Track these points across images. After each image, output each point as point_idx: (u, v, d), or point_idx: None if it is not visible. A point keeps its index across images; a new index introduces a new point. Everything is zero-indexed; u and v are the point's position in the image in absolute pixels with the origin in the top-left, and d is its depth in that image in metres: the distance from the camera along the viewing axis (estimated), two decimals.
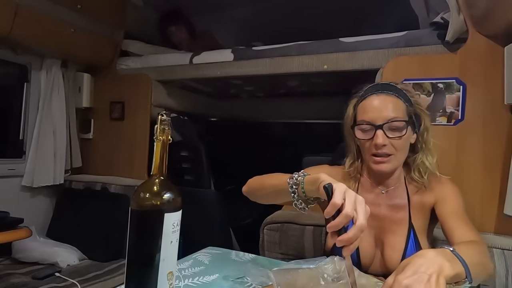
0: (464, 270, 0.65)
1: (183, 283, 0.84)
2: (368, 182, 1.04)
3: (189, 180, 2.43)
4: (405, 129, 0.93)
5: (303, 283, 0.78)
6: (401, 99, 0.97)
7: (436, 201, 0.98)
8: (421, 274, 0.58)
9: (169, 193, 0.60)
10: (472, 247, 0.77)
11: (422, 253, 0.64)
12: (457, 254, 0.66)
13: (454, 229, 0.89)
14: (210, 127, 2.88)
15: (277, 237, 1.56)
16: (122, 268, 1.79)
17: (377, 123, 0.93)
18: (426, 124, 0.99)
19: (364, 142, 0.96)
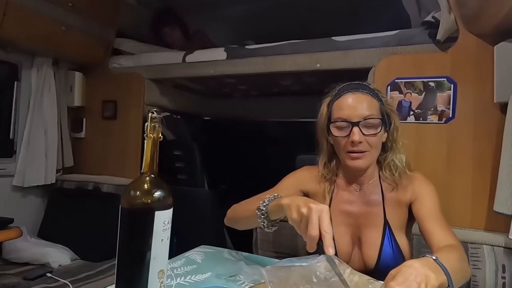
0: (447, 279, 0.67)
1: (175, 281, 0.84)
2: (344, 182, 1.06)
3: (182, 179, 2.42)
4: (380, 127, 0.96)
5: (295, 281, 0.79)
6: (375, 98, 0.99)
7: (412, 200, 1.00)
8: (411, 282, 0.60)
9: (160, 191, 0.60)
10: (452, 254, 0.79)
11: (409, 263, 0.66)
12: (440, 263, 0.69)
13: (432, 233, 0.91)
14: (203, 126, 2.87)
15: (270, 236, 1.56)
16: (114, 268, 1.77)
17: (353, 120, 0.94)
18: (396, 124, 1.02)
19: (340, 139, 0.97)
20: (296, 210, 0.74)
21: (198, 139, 2.53)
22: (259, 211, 0.86)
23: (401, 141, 1.03)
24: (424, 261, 0.68)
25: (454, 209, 1.38)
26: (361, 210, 1.02)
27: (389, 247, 0.98)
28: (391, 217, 1.00)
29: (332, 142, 1.02)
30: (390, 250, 0.98)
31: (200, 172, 2.36)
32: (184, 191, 2.34)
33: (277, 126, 2.79)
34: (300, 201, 0.75)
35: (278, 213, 0.83)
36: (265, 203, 0.86)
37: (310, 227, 0.70)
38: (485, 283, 1.21)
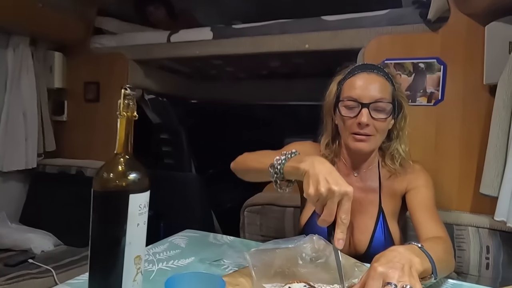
0: (431, 266, 0.67)
1: (156, 267, 0.82)
2: (343, 165, 1.04)
3: (169, 163, 2.38)
4: (390, 112, 0.93)
5: (280, 264, 0.77)
6: (389, 82, 0.96)
7: (407, 190, 0.99)
8: (395, 263, 0.59)
9: (135, 173, 0.56)
10: (438, 245, 0.79)
11: (393, 248, 0.65)
12: (424, 250, 0.68)
13: (422, 223, 0.90)
14: (190, 109, 2.81)
15: (257, 219, 1.55)
16: None
17: (363, 101, 0.91)
18: (405, 112, 0.99)
19: (347, 119, 0.94)
20: (314, 186, 0.63)
21: (185, 122, 2.48)
22: (273, 168, 0.74)
23: (407, 130, 1.00)
24: (409, 247, 0.68)
25: (441, 192, 1.37)
26: (357, 195, 0.97)
27: (381, 234, 0.97)
28: (386, 205, 0.99)
29: (337, 122, 0.99)
30: (381, 237, 0.97)
31: (187, 156, 2.33)
32: (171, 175, 2.31)
33: (265, 110, 2.75)
34: (322, 175, 0.63)
35: (295, 176, 0.72)
36: (281, 161, 0.74)
37: (326, 211, 0.62)
38: (469, 264, 1.22)
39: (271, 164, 0.75)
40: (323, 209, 0.63)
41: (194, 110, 2.84)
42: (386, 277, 0.57)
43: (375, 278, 0.58)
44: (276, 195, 1.55)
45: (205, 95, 2.75)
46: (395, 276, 0.57)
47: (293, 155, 0.75)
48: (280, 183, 0.75)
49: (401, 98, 0.98)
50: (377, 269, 0.58)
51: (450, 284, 0.80)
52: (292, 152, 0.75)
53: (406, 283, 0.56)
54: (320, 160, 0.68)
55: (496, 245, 1.19)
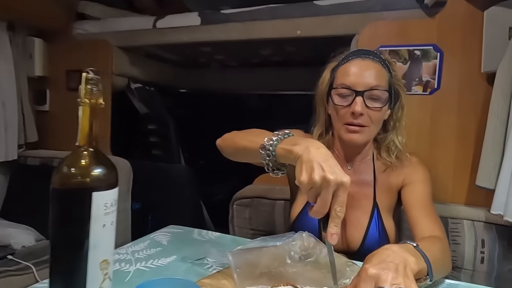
0: (427, 267, 0.63)
1: (134, 267, 0.76)
2: (336, 157, 0.98)
3: (157, 154, 2.32)
4: (386, 101, 0.87)
5: (266, 263, 0.72)
6: (385, 69, 0.90)
7: (404, 184, 0.94)
8: (388, 263, 0.54)
9: (100, 167, 0.50)
10: (434, 245, 0.75)
11: (387, 246, 0.61)
12: (420, 250, 0.64)
13: (418, 221, 0.86)
14: (179, 99, 2.74)
15: (247, 213, 1.50)
16: None
17: (358, 89, 0.85)
18: (403, 102, 0.94)
19: (340, 108, 0.89)
20: (308, 173, 0.56)
21: (174, 112, 2.41)
22: (264, 150, 0.67)
23: (404, 121, 0.95)
24: (404, 246, 0.63)
25: (435, 183, 1.31)
26: (350, 189, 0.92)
27: (375, 231, 0.93)
28: (380, 200, 0.94)
29: (330, 112, 0.93)
30: (376, 234, 0.93)
31: (175, 147, 2.26)
32: (159, 167, 2.24)
33: (258, 99, 2.68)
34: (316, 161, 0.56)
35: (287, 160, 0.64)
36: (272, 142, 0.66)
37: (320, 202, 0.56)
38: (464, 258, 1.19)
39: (262, 145, 0.67)
40: (316, 199, 0.57)
41: (183, 99, 2.77)
42: (379, 279, 0.52)
43: (367, 281, 0.53)
44: (266, 187, 1.50)
45: (195, 84, 2.67)
46: (388, 278, 0.52)
47: (286, 137, 0.67)
48: (272, 165, 0.68)
49: (398, 86, 0.93)
50: (369, 271, 0.53)
51: (446, 284, 0.76)
52: (286, 133, 0.68)
53: (401, 285, 0.51)
54: (316, 144, 0.61)
55: (492, 238, 1.16)
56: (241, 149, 0.80)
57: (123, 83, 2.08)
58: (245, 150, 0.77)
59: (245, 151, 0.78)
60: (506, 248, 1.14)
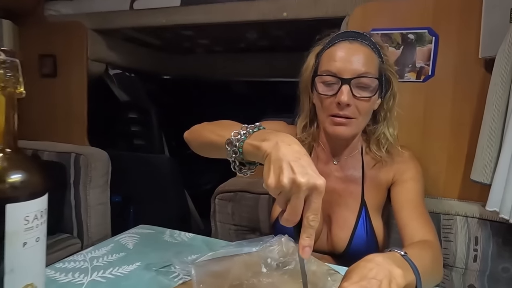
0: (415, 279, 0.55)
1: (89, 278, 0.67)
2: (321, 150, 0.90)
3: (139, 144, 2.21)
4: (375, 90, 0.78)
5: (238, 274, 0.63)
6: (375, 53, 0.81)
7: (394, 181, 0.87)
8: (369, 280, 0.47)
9: (17, 173, 0.40)
10: (425, 251, 0.67)
11: (370, 257, 0.53)
12: (409, 260, 0.56)
13: (407, 223, 0.78)
14: (162, 86, 2.61)
15: (229, 208, 1.41)
16: (58, 244, 1.60)
17: (344, 76, 0.76)
18: (395, 90, 0.85)
19: (324, 98, 0.80)
20: (276, 174, 0.46)
21: (157, 100, 2.29)
22: (231, 146, 0.57)
23: (396, 110, 0.86)
24: (390, 256, 0.55)
25: (427, 177, 1.24)
26: (336, 186, 0.87)
27: (362, 231, 0.85)
28: (369, 198, 0.87)
29: (315, 101, 0.84)
30: (363, 234, 0.85)
31: (158, 137, 2.16)
32: (141, 158, 2.14)
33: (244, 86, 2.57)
34: (286, 161, 0.47)
35: (255, 157, 0.55)
36: (240, 137, 0.56)
37: (290, 209, 0.46)
38: (455, 256, 1.13)
39: (228, 140, 0.58)
40: (286, 205, 0.47)
41: (167, 86, 2.64)
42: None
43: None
44: (249, 180, 1.41)
45: (179, 70, 2.54)
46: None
47: (256, 130, 0.57)
48: (238, 165, 0.59)
49: (390, 73, 0.84)
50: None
51: None
52: (256, 126, 0.58)
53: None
54: (287, 140, 0.51)
55: (486, 236, 1.09)
56: (207, 144, 0.70)
57: (100, 69, 1.95)
58: (212, 145, 0.67)
59: (212, 146, 0.68)
60: (500, 245, 1.08)
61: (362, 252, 0.86)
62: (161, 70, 2.51)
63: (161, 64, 2.45)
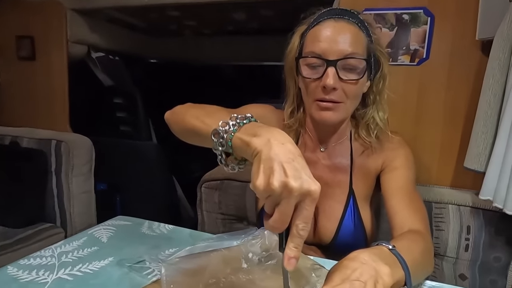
0: (404, 275, 0.51)
1: (54, 276, 0.62)
2: (308, 137, 0.85)
3: (125, 131, 2.14)
4: (364, 72, 0.73)
5: (215, 271, 0.59)
6: (363, 32, 0.75)
7: (383, 168, 0.82)
8: (352, 283, 0.42)
9: None
10: (415, 243, 0.63)
11: (354, 255, 0.48)
12: (397, 254, 0.52)
13: (396, 211, 0.74)
14: (149, 70, 2.52)
15: (216, 196, 1.37)
16: (39, 234, 1.54)
17: (329, 58, 0.71)
18: (384, 71, 0.79)
19: (309, 82, 0.74)
20: (266, 175, 0.41)
21: (143, 85, 2.20)
22: (217, 137, 0.50)
23: (387, 93, 0.81)
24: (376, 252, 0.51)
25: (419, 164, 1.20)
26: (324, 175, 0.83)
27: (350, 221, 0.82)
28: (357, 186, 0.82)
29: (300, 86, 0.79)
30: (351, 225, 0.82)
31: (144, 123, 2.09)
32: (127, 145, 2.08)
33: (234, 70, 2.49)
34: (278, 161, 0.41)
35: (244, 154, 0.49)
36: (228, 128, 0.49)
37: (277, 215, 0.41)
38: (447, 245, 1.10)
39: (214, 131, 0.51)
40: (274, 209, 0.42)
41: (153, 70, 2.55)
42: None
43: None
44: None
45: (165, 54, 2.45)
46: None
47: (246, 122, 0.50)
48: (226, 159, 0.52)
49: (379, 53, 0.78)
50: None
51: (428, 286, 0.65)
52: (246, 117, 0.51)
53: None
54: (281, 137, 0.45)
55: (478, 225, 1.06)
56: (190, 130, 0.63)
57: (82, 52, 1.86)
58: (195, 132, 0.61)
59: (195, 134, 0.61)
60: (492, 235, 1.05)
61: (349, 244, 0.82)
62: (147, 53, 2.42)
63: (147, 47, 2.36)
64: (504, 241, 1.05)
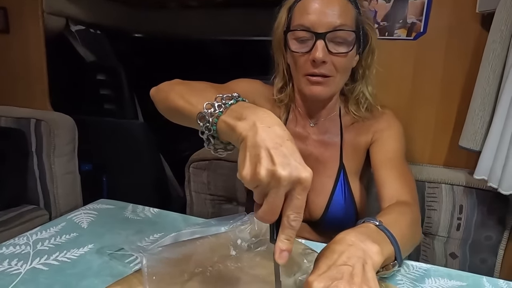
0: (394, 250, 0.50)
1: (28, 266, 0.58)
2: (298, 112, 0.84)
3: (109, 109, 2.06)
4: (353, 44, 0.71)
5: (201, 260, 0.55)
6: (352, 4, 0.73)
7: (373, 141, 0.81)
8: (339, 268, 0.40)
9: None
10: (402, 216, 0.62)
11: (340, 237, 0.46)
12: (384, 229, 0.51)
13: (385, 183, 0.73)
14: (133, 45, 2.41)
15: (205, 177, 1.33)
16: (23, 216, 1.49)
17: (318, 30, 0.69)
18: (373, 45, 0.77)
19: (298, 56, 0.73)
20: (252, 163, 0.38)
21: (127, 61, 2.10)
22: (203, 121, 0.47)
23: (376, 68, 0.79)
24: (363, 230, 0.49)
25: (413, 143, 1.20)
26: (314, 150, 0.83)
27: (340, 196, 0.81)
28: (348, 161, 0.82)
29: (289, 61, 0.77)
30: (341, 199, 0.81)
31: (130, 101, 2.01)
32: (112, 123, 2.00)
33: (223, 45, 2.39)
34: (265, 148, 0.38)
35: (229, 138, 0.45)
36: (214, 110, 0.45)
37: (266, 206, 0.38)
38: (439, 225, 1.09)
39: (200, 114, 0.47)
40: (264, 199, 0.39)
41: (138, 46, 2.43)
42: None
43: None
44: None
45: (151, 28, 2.33)
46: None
47: (233, 102, 0.46)
48: (214, 142, 0.48)
49: (368, 26, 0.76)
50: (313, 286, 0.39)
51: (424, 268, 0.63)
52: (233, 96, 0.46)
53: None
54: (268, 119, 0.41)
55: (471, 204, 1.05)
56: (175, 110, 0.58)
57: (60, 24, 1.75)
58: (180, 113, 0.56)
59: (180, 114, 0.56)
60: (485, 214, 1.04)
61: (340, 218, 0.81)
62: (131, 27, 2.29)
63: (131, 20, 2.23)
64: (496, 220, 1.04)
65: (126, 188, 2.01)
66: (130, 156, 2.02)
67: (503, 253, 1.06)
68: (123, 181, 2.03)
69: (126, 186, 2.03)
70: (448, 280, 0.59)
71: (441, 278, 0.60)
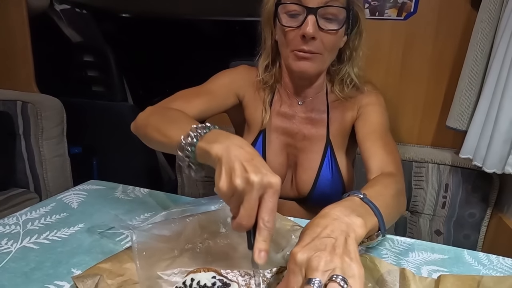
0: (378, 222, 0.51)
1: (19, 244, 0.58)
2: (285, 91, 0.84)
3: (98, 91, 2.02)
4: (343, 22, 0.71)
5: (191, 236, 0.56)
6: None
7: (357, 115, 0.83)
8: (322, 240, 0.41)
9: None
10: (386, 187, 0.63)
11: (325, 211, 0.47)
12: (368, 201, 0.52)
13: (370, 155, 0.75)
14: (121, 25, 2.35)
15: None
16: (12, 199, 1.48)
17: (310, 5, 0.69)
18: (361, 27, 0.78)
19: (288, 31, 0.72)
20: (228, 175, 0.43)
21: (115, 41, 2.06)
22: (182, 151, 0.52)
23: (363, 50, 0.79)
24: (348, 204, 0.49)
25: (402, 123, 1.22)
26: (301, 129, 0.83)
27: (328, 171, 0.82)
28: (334, 137, 0.83)
29: (278, 37, 0.77)
30: (329, 175, 0.82)
31: (119, 83, 1.97)
32: (101, 106, 1.98)
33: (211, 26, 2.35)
34: (238, 162, 0.43)
35: (207, 161, 0.51)
36: (191, 140, 0.51)
37: (243, 212, 0.42)
38: (425, 203, 1.12)
39: (179, 146, 0.53)
40: (239, 208, 0.43)
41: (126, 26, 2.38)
42: (308, 268, 0.38)
43: (295, 273, 0.40)
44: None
45: (138, 7, 2.27)
46: (320, 264, 0.38)
47: (207, 131, 0.52)
48: (195, 169, 0.54)
49: (357, 7, 0.76)
50: (297, 257, 0.40)
51: (408, 243, 0.65)
52: (206, 126, 0.53)
53: (336, 271, 0.37)
54: (239, 142, 0.48)
55: (456, 182, 1.08)
56: (155, 144, 0.65)
57: (43, 3, 1.69)
58: (160, 145, 0.63)
59: (161, 147, 0.63)
60: (469, 192, 1.07)
61: (327, 194, 0.83)
62: (118, 7, 2.23)
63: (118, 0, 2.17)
64: (479, 198, 1.07)
65: (117, 171, 2.01)
66: (120, 139, 2.00)
67: (485, 229, 1.09)
68: (114, 164, 2.02)
69: (116, 169, 2.03)
70: (431, 253, 0.61)
71: (424, 251, 0.62)
